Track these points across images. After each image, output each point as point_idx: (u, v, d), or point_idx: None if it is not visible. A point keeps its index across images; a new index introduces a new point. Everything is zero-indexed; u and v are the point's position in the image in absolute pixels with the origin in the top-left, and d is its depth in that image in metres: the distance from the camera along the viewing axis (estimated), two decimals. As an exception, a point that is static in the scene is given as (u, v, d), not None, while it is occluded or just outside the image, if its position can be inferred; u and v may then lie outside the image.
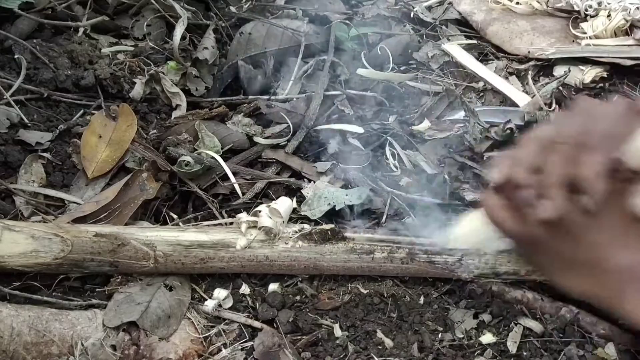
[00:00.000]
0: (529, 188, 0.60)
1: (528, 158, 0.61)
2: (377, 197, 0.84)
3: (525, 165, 0.61)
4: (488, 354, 0.66)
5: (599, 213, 0.58)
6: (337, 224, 0.78)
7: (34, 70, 0.96)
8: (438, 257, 0.71)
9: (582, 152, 0.59)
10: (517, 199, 0.61)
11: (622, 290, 0.59)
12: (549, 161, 0.60)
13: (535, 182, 0.60)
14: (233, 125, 0.95)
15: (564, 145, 0.60)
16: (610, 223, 0.59)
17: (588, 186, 0.57)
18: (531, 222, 0.60)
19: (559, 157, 0.59)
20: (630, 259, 0.58)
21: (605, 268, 0.59)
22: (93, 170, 0.83)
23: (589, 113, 0.64)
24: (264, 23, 1.15)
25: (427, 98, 1.06)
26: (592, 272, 0.60)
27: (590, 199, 0.57)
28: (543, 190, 0.59)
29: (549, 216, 0.59)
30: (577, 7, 1.19)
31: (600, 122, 0.61)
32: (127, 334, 0.65)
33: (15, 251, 0.66)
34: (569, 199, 0.58)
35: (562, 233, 0.60)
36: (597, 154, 0.58)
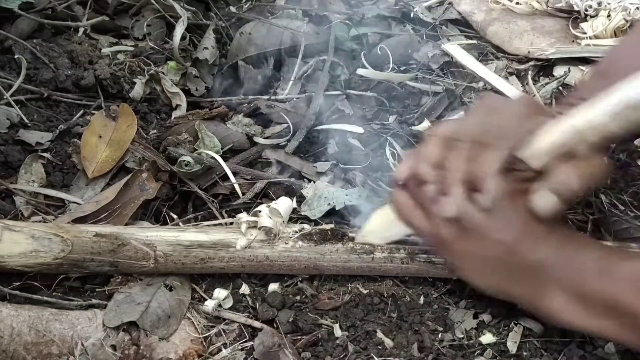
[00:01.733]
0: (431, 184, 0.60)
1: (430, 154, 0.62)
2: (377, 197, 0.84)
3: (426, 161, 0.61)
4: (488, 354, 0.66)
5: (502, 212, 0.58)
6: (337, 224, 0.78)
7: (34, 70, 0.96)
8: (438, 257, 0.71)
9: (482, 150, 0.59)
10: (422, 195, 0.61)
11: (536, 288, 0.59)
12: (449, 158, 0.60)
13: (437, 178, 0.60)
14: (233, 125, 0.95)
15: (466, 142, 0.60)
16: (516, 222, 0.59)
17: (484, 184, 0.58)
18: (436, 220, 0.61)
19: (459, 155, 0.60)
20: (541, 257, 0.58)
21: (519, 267, 0.59)
22: (93, 170, 0.83)
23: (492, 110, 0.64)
24: (264, 23, 1.15)
25: (427, 98, 1.06)
26: (504, 271, 0.60)
27: (486, 197, 0.58)
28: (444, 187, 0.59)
29: (449, 213, 0.59)
30: (577, 7, 1.19)
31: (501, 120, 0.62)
32: (127, 334, 0.65)
33: (15, 251, 0.66)
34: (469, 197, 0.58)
35: (466, 231, 0.60)
36: (495, 152, 0.58)
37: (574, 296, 0.57)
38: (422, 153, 0.63)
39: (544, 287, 0.58)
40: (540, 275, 0.58)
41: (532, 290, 0.60)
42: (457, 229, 0.60)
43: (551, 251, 0.58)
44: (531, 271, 0.59)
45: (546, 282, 0.58)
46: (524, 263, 0.59)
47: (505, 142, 0.59)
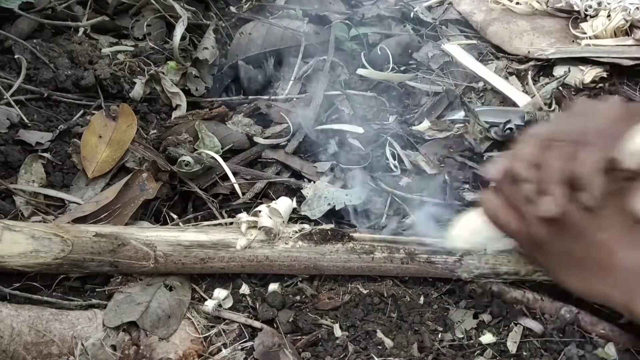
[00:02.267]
0: (529, 183, 0.60)
1: (527, 155, 0.61)
2: (377, 197, 0.84)
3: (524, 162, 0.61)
4: (488, 354, 0.66)
5: (600, 212, 0.58)
6: (337, 224, 0.78)
7: (34, 70, 0.96)
8: (438, 257, 0.71)
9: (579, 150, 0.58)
10: (517, 195, 0.61)
11: (630, 291, 0.58)
12: (547, 158, 0.60)
13: (535, 178, 0.60)
14: (233, 125, 0.95)
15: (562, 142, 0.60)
16: (613, 222, 0.58)
17: (586, 182, 0.57)
18: (532, 220, 0.60)
19: (557, 154, 0.59)
20: (637, 259, 0.57)
21: (612, 268, 0.58)
22: (93, 170, 0.83)
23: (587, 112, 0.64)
24: (264, 23, 1.15)
25: (427, 98, 1.06)
26: (599, 273, 0.60)
27: (589, 196, 0.57)
28: (542, 187, 0.59)
29: (550, 213, 0.58)
30: (577, 7, 1.19)
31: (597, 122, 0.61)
32: (127, 334, 0.65)
33: (15, 251, 0.66)
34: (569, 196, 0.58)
35: (564, 231, 0.59)
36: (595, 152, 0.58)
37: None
38: (518, 153, 0.62)
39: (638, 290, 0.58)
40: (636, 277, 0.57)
41: (626, 292, 0.59)
42: (554, 229, 0.60)
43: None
44: (627, 273, 0.58)
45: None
46: (621, 264, 0.58)
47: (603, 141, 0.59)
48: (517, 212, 0.62)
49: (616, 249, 0.58)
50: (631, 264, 0.58)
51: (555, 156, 0.59)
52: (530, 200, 0.60)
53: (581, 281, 0.62)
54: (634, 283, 0.58)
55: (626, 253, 0.58)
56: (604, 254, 0.59)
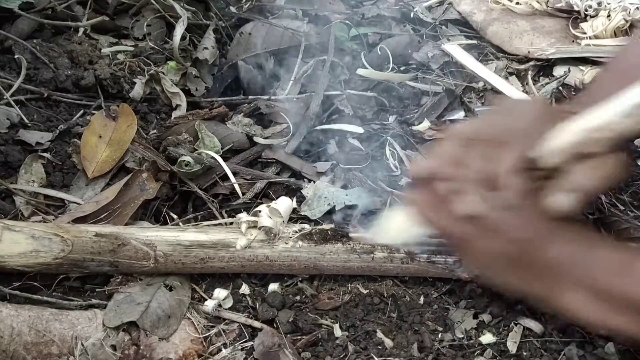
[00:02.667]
0: (448, 182, 0.60)
1: (447, 153, 0.62)
2: (377, 197, 0.84)
3: (444, 160, 0.62)
4: (488, 354, 0.66)
5: (519, 210, 0.58)
6: (337, 224, 0.78)
7: (34, 70, 0.96)
8: (438, 257, 0.71)
9: (498, 149, 0.59)
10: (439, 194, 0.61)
11: (553, 286, 0.59)
12: (467, 157, 0.60)
13: (454, 176, 0.60)
14: (233, 125, 0.95)
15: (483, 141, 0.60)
16: (533, 220, 0.59)
17: (503, 182, 0.58)
18: (454, 218, 0.61)
19: (477, 153, 0.60)
20: (558, 254, 0.58)
21: (534, 264, 0.59)
22: (93, 170, 0.83)
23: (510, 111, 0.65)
24: (264, 23, 1.15)
25: (427, 98, 1.06)
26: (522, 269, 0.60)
27: (506, 194, 0.58)
28: (461, 186, 0.60)
29: (467, 211, 0.59)
30: (577, 7, 1.19)
31: (519, 121, 0.62)
32: (127, 334, 0.65)
33: (15, 251, 0.66)
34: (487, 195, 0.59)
35: (485, 229, 0.60)
36: (511, 151, 0.59)
37: (592, 293, 0.57)
38: (440, 152, 0.63)
39: (561, 285, 0.58)
40: (557, 273, 0.58)
41: (549, 288, 0.60)
42: (474, 227, 0.60)
43: (567, 249, 0.58)
44: (548, 269, 0.59)
45: (563, 279, 0.58)
46: (541, 261, 0.59)
47: (521, 141, 0.60)
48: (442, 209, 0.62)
49: (534, 246, 0.59)
50: (549, 259, 0.58)
51: (475, 155, 0.60)
52: (450, 199, 0.60)
53: (504, 278, 0.62)
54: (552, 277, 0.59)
55: (544, 250, 0.59)
56: (524, 251, 0.59)
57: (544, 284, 0.60)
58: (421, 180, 0.64)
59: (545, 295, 0.60)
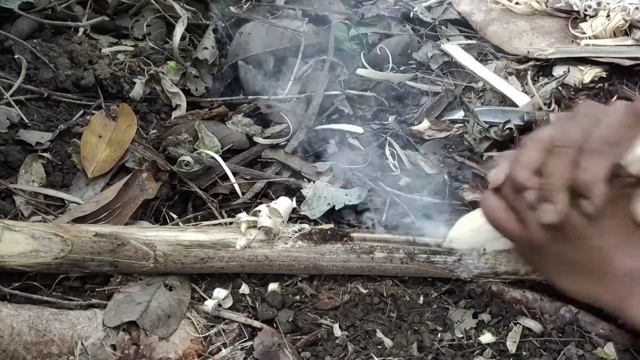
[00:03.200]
0: (531, 190, 0.60)
1: (529, 160, 0.61)
2: (377, 197, 0.84)
3: (526, 167, 0.61)
4: (487, 354, 0.66)
5: (601, 218, 0.58)
6: (337, 224, 0.78)
7: (34, 70, 0.96)
8: (437, 257, 0.71)
9: (583, 156, 0.58)
10: (518, 201, 0.61)
11: (625, 295, 0.59)
12: (550, 164, 0.59)
13: (536, 184, 0.60)
14: (233, 125, 0.95)
15: (566, 148, 0.60)
16: (614, 228, 0.59)
17: (589, 190, 0.57)
18: (532, 224, 0.60)
19: (561, 161, 0.59)
20: (634, 264, 0.58)
21: (609, 272, 0.59)
22: (93, 170, 0.83)
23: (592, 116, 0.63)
24: (264, 23, 1.15)
25: (426, 98, 1.06)
26: (595, 276, 0.61)
27: (591, 204, 0.57)
28: (545, 194, 0.59)
29: (552, 220, 0.59)
30: (576, 7, 1.19)
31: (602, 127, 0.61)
32: (127, 334, 0.65)
33: (15, 251, 0.66)
34: (571, 203, 0.58)
35: (564, 237, 0.60)
36: (599, 159, 0.58)
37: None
38: (521, 158, 0.62)
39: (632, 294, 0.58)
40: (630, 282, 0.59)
41: (622, 297, 0.60)
42: (554, 234, 0.60)
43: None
44: (624, 279, 0.59)
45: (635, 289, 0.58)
46: (620, 270, 0.59)
47: (608, 148, 0.58)
48: (517, 215, 0.62)
49: (613, 255, 0.59)
50: (625, 269, 0.59)
51: (558, 162, 0.59)
52: (532, 206, 0.60)
53: (577, 284, 0.63)
54: (626, 288, 0.59)
55: (622, 259, 0.59)
56: (601, 259, 0.59)
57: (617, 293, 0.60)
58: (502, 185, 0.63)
59: (617, 304, 0.61)
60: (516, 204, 0.62)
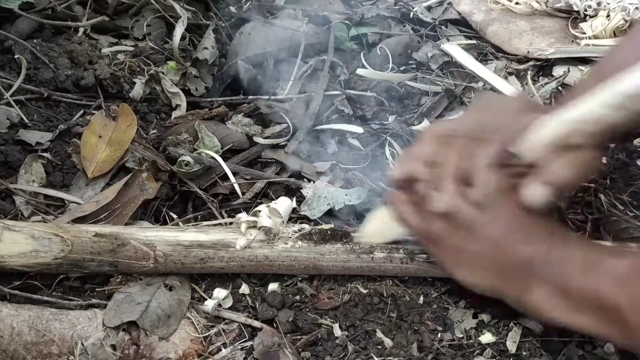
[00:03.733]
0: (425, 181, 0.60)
1: (423, 152, 0.62)
2: (377, 197, 0.84)
3: (419, 159, 0.61)
4: (487, 354, 0.66)
5: (493, 207, 0.58)
6: (337, 224, 0.78)
7: (34, 70, 0.96)
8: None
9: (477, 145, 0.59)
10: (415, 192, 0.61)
11: (525, 284, 0.59)
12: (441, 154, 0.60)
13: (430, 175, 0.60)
14: (233, 125, 0.95)
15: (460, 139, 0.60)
16: (506, 217, 0.59)
17: (477, 178, 0.58)
18: (429, 215, 0.61)
19: (453, 151, 0.60)
20: (530, 252, 0.58)
21: (504, 263, 0.59)
22: (93, 170, 0.83)
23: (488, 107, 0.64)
24: (264, 23, 1.15)
25: (426, 98, 1.06)
26: (490, 267, 0.60)
27: (478, 192, 0.57)
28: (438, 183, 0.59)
29: (440, 208, 0.59)
30: (576, 7, 1.19)
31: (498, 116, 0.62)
32: (127, 334, 0.65)
33: (15, 251, 0.66)
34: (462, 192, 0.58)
35: (457, 227, 0.59)
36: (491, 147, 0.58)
37: (559, 291, 0.57)
38: (416, 151, 0.64)
39: (529, 283, 0.58)
40: (527, 270, 0.58)
41: (518, 286, 0.60)
42: (448, 225, 0.60)
43: (538, 247, 0.58)
44: (518, 267, 0.59)
45: (532, 277, 0.58)
46: (512, 258, 0.59)
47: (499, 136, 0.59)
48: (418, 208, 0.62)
49: (507, 244, 0.58)
50: (520, 258, 0.58)
51: (448, 152, 0.60)
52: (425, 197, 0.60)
53: (475, 276, 0.62)
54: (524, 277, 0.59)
55: (516, 248, 0.58)
56: (495, 249, 0.59)
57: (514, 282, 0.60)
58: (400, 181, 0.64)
59: (515, 293, 0.60)
60: (414, 197, 0.62)
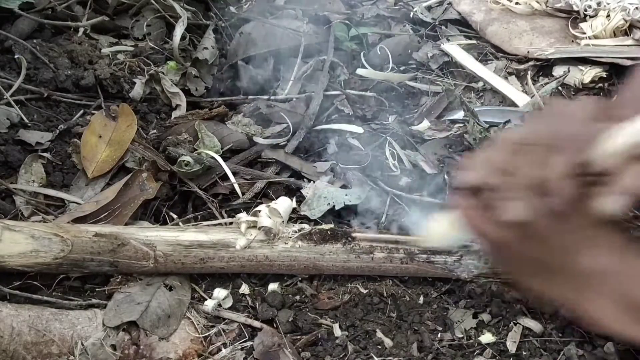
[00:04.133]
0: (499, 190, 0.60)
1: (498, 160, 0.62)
2: (377, 197, 0.84)
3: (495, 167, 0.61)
4: (487, 354, 0.66)
5: (566, 216, 0.58)
6: (337, 224, 0.78)
7: (34, 70, 0.96)
8: (437, 257, 0.71)
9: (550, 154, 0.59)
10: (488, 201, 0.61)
11: (586, 294, 0.59)
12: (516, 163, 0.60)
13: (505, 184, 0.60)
14: (233, 125, 0.95)
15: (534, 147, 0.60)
16: (578, 227, 0.59)
17: (554, 188, 0.58)
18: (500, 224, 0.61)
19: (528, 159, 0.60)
20: (596, 263, 0.58)
21: (573, 271, 0.59)
22: (93, 170, 0.83)
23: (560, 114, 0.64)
24: (264, 23, 1.15)
25: (426, 98, 1.06)
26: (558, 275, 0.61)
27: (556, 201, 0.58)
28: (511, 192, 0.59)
29: (516, 218, 0.59)
30: (576, 7, 1.19)
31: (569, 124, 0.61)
32: (127, 334, 0.65)
33: (15, 251, 0.66)
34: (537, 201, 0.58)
35: (530, 236, 0.60)
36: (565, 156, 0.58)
37: (624, 305, 0.57)
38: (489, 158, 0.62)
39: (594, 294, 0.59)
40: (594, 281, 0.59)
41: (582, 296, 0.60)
42: (519, 233, 0.60)
43: (604, 259, 0.58)
44: (586, 277, 0.59)
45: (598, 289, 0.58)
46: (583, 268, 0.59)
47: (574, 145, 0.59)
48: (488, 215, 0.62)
49: (578, 253, 0.59)
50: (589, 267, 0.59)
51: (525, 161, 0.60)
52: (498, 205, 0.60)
53: (542, 283, 0.63)
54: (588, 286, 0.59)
55: (582, 259, 0.59)
56: (564, 258, 0.59)
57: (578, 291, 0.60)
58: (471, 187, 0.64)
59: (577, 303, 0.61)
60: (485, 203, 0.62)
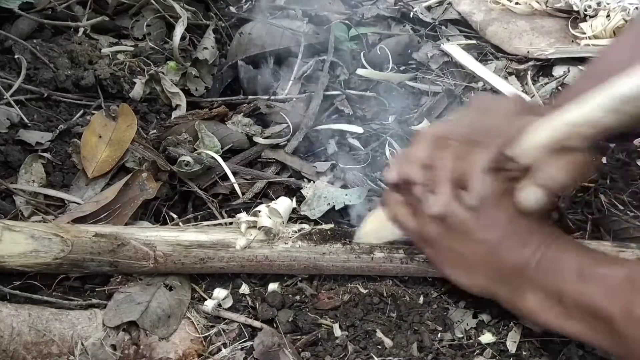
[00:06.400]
0: (420, 184, 0.60)
1: (421, 155, 0.62)
2: (377, 197, 0.84)
3: (418, 162, 0.61)
4: (487, 354, 0.66)
5: (488, 211, 0.58)
6: (337, 224, 0.78)
7: (34, 70, 0.96)
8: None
9: (472, 149, 0.59)
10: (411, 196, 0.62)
11: (518, 288, 0.59)
12: (436, 157, 0.60)
13: (427, 178, 0.60)
14: (233, 125, 0.95)
15: (455, 141, 0.60)
16: (502, 221, 0.59)
17: (472, 182, 0.58)
18: (424, 218, 0.61)
19: (448, 154, 0.60)
20: (525, 257, 0.58)
21: (501, 266, 0.59)
22: (93, 170, 0.83)
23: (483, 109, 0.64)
24: (264, 23, 1.15)
25: (426, 98, 1.06)
26: (484, 269, 0.60)
27: (472, 195, 0.58)
28: (432, 187, 0.60)
29: (434, 212, 0.59)
30: (576, 7, 1.19)
31: (492, 119, 0.62)
32: (127, 334, 0.65)
33: (15, 251, 0.66)
34: (457, 195, 0.58)
35: (452, 230, 0.60)
36: (483, 151, 0.58)
37: (551, 297, 0.57)
38: (411, 153, 0.63)
39: (522, 287, 0.59)
40: (520, 274, 0.59)
41: (511, 289, 0.60)
42: (442, 227, 0.60)
43: (533, 252, 0.58)
44: (512, 270, 0.59)
45: (525, 281, 0.58)
46: (506, 262, 0.59)
47: (494, 140, 0.59)
48: (412, 210, 0.63)
49: (501, 248, 0.59)
50: (514, 262, 0.58)
51: (445, 156, 0.60)
52: (421, 200, 0.60)
53: (468, 278, 0.63)
54: (518, 280, 0.59)
55: (511, 252, 0.59)
56: (490, 252, 0.59)
57: (507, 285, 0.60)
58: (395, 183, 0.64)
59: (508, 296, 0.61)
60: (410, 198, 0.62)
